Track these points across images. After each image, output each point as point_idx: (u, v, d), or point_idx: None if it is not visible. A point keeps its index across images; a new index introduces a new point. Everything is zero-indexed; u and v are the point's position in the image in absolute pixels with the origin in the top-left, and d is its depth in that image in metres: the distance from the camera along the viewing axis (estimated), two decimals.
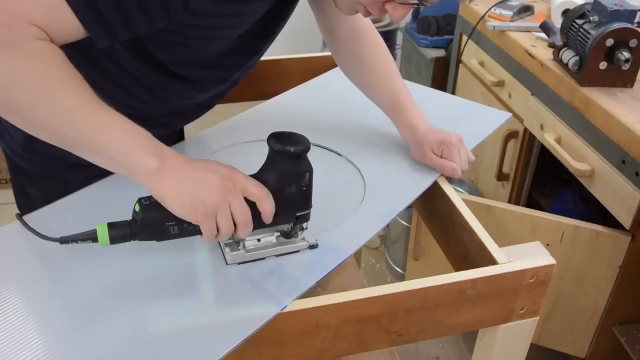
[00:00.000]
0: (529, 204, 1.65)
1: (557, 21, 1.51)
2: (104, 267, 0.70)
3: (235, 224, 0.66)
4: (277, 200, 0.68)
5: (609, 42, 1.22)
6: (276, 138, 0.68)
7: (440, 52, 2.20)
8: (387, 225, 0.81)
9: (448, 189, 0.89)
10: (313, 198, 0.72)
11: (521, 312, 0.76)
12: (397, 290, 0.67)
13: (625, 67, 1.24)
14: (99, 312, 0.64)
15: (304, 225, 0.74)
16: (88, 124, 0.62)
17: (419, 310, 0.70)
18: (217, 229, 0.65)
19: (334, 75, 1.06)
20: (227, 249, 0.72)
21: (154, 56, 0.79)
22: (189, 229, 0.67)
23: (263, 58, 1.27)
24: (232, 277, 0.69)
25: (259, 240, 0.72)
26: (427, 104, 1.03)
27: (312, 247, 0.75)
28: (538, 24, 1.53)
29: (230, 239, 0.72)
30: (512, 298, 0.74)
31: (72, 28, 0.61)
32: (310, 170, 0.70)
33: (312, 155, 0.70)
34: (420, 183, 0.90)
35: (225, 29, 0.77)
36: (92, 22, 0.61)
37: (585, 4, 1.33)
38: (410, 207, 0.86)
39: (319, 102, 1.15)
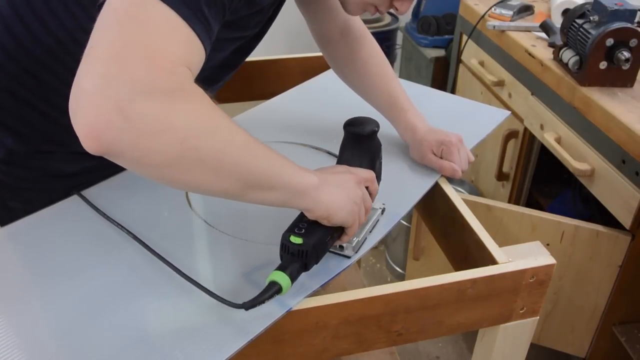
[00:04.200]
0: (529, 204, 1.65)
1: (557, 21, 1.51)
2: (105, 268, 0.70)
3: None
4: None
5: (609, 41, 1.22)
6: (357, 123, 0.75)
7: (440, 52, 2.20)
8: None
9: (448, 189, 0.89)
10: None
11: (521, 312, 0.76)
12: (397, 290, 0.67)
13: (625, 66, 1.24)
14: (102, 314, 0.64)
15: None
16: (264, 155, 0.59)
17: (419, 310, 0.70)
18: None
19: (334, 75, 1.06)
20: (345, 244, 0.73)
21: None
22: (335, 237, 0.69)
23: (263, 58, 1.28)
24: (237, 279, 0.69)
25: None
26: (426, 103, 1.03)
27: (383, 211, 0.82)
28: (538, 24, 1.53)
29: None
30: (512, 298, 0.74)
31: (201, 60, 0.57)
32: (381, 143, 0.78)
33: (314, 158, 0.71)
34: (421, 185, 0.90)
35: (248, 35, 0.79)
36: (208, 46, 0.57)
37: (585, 3, 1.33)
38: None
39: (318, 102, 1.15)
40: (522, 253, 0.75)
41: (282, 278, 0.62)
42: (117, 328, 0.62)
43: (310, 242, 0.64)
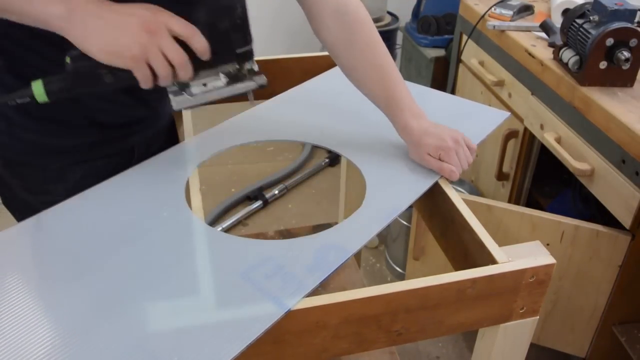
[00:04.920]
0: (529, 204, 1.65)
1: (557, 21, 1.51)
2: (101, 272, 0.70)
3: (172, 67, 0.66)
4: (212, 37, 0.67)
5: (609, 41, 1.22)
6: None
7: (440, 52, 2.21)
8: (388, 225, 0.81)
9: (448, 188, 0.89)
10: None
11: (521, 311, 0.76)
12: (397, 290, 0.67)
13: (625, 66, 1.24)
14: (97, 320, 0.63)
15: (253, 67, 0.74)
16: None
17: (419, 310, 0.70)
18: (155, 74, 0.65)
19: (334, 75, 1.06)
20: (170, 96, 0.71)
21: None
22: (123, 76, 0.66)
23: (263, 58, 1.28)
24: (235, 279, 0.69)
25: (205, 84, 0.71)
26: (426, 104, 1.03)
27: (262, 86, 0.75)
28: (538, 24, 1.54)
29: (174, 85, 0.71)
30: (512, 297, 0.74)
31: None
32: (242, 3, 0.69)
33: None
34: (421, 184, 0.90)
35: None
36: None
37: (585, 3, 1.33)
38: (410, 206, 0.86)
39: (318, 101, 1.15)
40: (522, 253, 0.75)
41: (38, 88, 0.64)
42: (113, 335, 0.61)
43: (72, 65, 0.64)
